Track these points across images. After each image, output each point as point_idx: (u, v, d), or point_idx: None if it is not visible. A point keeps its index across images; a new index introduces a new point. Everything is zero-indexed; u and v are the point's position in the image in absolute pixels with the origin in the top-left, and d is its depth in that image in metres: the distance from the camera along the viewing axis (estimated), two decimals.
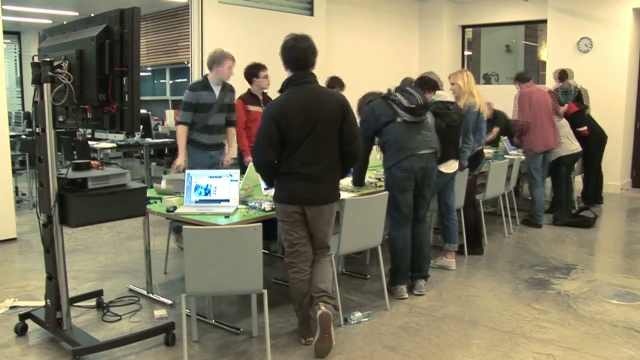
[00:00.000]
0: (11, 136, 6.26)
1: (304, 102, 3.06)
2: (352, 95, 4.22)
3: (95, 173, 3.01)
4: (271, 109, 3.10)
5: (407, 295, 3.92)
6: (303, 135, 3.03)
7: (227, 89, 4.78)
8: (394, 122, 3.76)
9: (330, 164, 3.14)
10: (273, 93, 5.23)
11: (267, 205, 3.45)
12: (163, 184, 3.93)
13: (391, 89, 3.87)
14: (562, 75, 6.71)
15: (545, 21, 8.40)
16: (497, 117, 6.45)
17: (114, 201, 3.01)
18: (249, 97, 5.07)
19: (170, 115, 8.26)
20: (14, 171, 6.20)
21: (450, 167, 4.29)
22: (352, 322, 3.50)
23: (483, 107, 4.67)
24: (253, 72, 5.04)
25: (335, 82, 5.78)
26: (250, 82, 5.07)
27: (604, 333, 3.38)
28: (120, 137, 7.87)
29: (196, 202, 3.56)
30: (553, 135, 5.95)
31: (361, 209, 3.56)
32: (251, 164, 4.22)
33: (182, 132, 4.60)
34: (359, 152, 3.25)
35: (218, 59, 4.59)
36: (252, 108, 5.04)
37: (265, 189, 3.90)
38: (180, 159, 4.58)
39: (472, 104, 4.58)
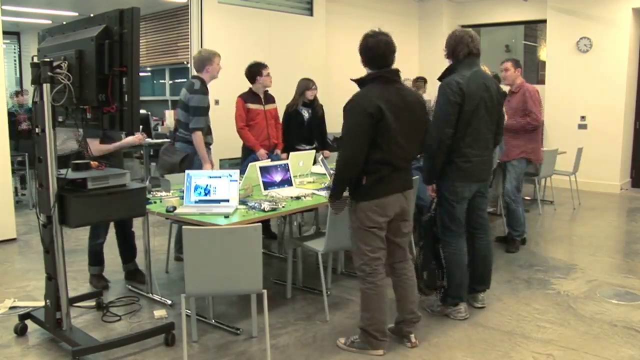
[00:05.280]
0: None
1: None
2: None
3: (95, 173, 3.02)
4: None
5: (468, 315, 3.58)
6: None
7: None
8: None
9: None
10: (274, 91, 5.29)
11: (266, 205, 3.45)
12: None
13: None
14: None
15: (544, 21, 8.40)
16: None
17: (113, 201, 3.01)
18: (250, 96, 5.09)
19: (169, 115, 8.23)
20: (13, 171, 6.19)
21: None
22: None
23: None
24: (257, 70, 5.05)
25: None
26: (253, 80, 5.09)
27: (604, 333, 3.39)
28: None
29: (196, 202, 3.56)
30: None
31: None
32: (251, 164, 4.23)
33: (202, 138, 4.43)
34: None
35: (208, 58, 4.47)
36: (252, 106, 5.06)
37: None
38: (209, 166, 4.47)
39: None
